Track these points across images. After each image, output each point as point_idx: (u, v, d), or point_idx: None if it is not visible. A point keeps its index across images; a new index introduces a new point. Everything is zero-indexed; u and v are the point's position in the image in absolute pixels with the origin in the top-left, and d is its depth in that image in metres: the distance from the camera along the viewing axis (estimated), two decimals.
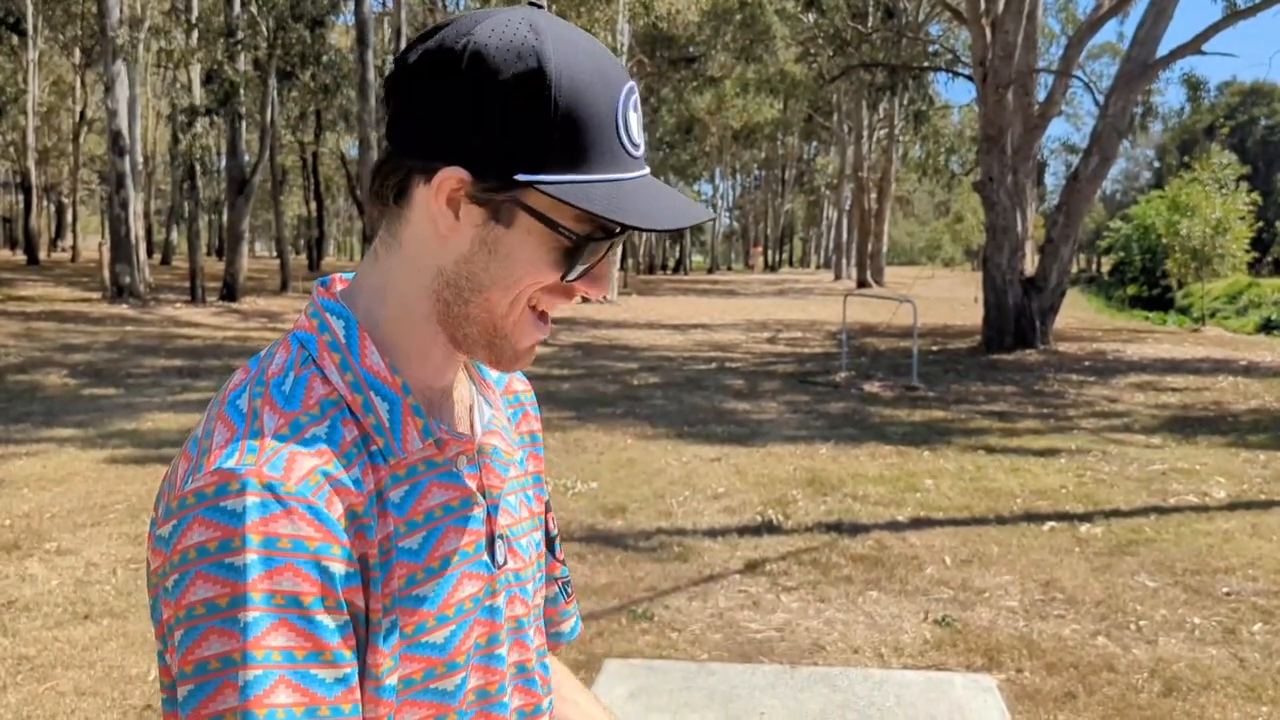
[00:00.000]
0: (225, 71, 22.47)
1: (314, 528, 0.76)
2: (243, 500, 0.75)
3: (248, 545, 0.74)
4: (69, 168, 41.83)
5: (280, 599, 0.74)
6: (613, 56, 0.85)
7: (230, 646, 0.73)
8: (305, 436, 0.80)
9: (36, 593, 4.72)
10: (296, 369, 0.84)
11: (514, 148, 0.80)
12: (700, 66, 39.71)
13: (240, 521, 0.74)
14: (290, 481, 0.76)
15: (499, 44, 0.80)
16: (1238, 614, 4.64)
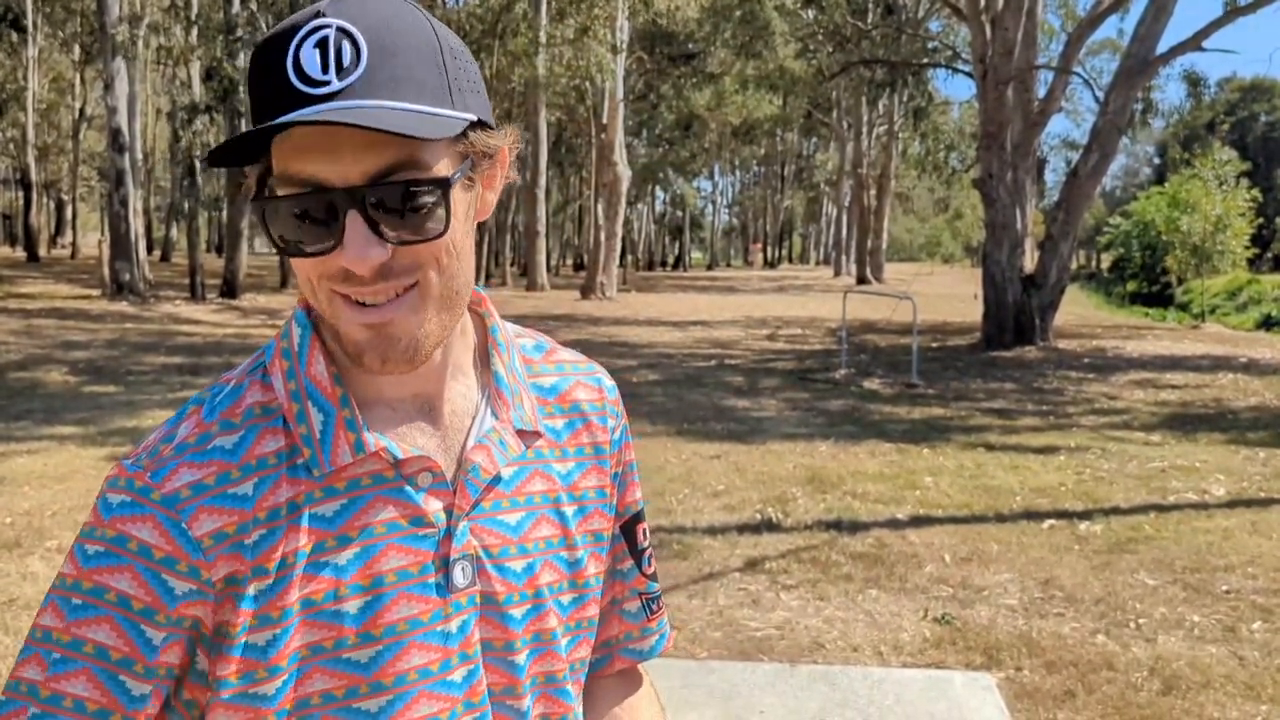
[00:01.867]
0: (225, 68, 22.44)
1: (166, 539, 0.79)
2: (118, 496, 0.80)
3: (100, 538, 0.79)
4: (69, 164, 41.80)
5: (113, 596, 0.78)
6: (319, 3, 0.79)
7: (52, 623, 0.78)
8: (207, 448, 0.82)
9: (38, 591, 4.72)
10: (243, 375, 0.87)
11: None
12: (700, 63, 39.69)
13: (106, 514, 0.80)
14: (160, 491, 0.79)
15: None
16: (1237, 612, 4.64)
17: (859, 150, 41.59)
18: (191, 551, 0.79)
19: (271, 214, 0.79)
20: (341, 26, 0.76)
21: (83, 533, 0.80)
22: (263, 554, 0.81)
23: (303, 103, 0.76)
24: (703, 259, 77.24)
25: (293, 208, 0.78)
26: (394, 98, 0.77)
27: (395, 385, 0.88)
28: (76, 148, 40.09)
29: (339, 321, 0.82)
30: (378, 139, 0.76)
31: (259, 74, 0.78)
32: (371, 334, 0.81)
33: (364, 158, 0.77)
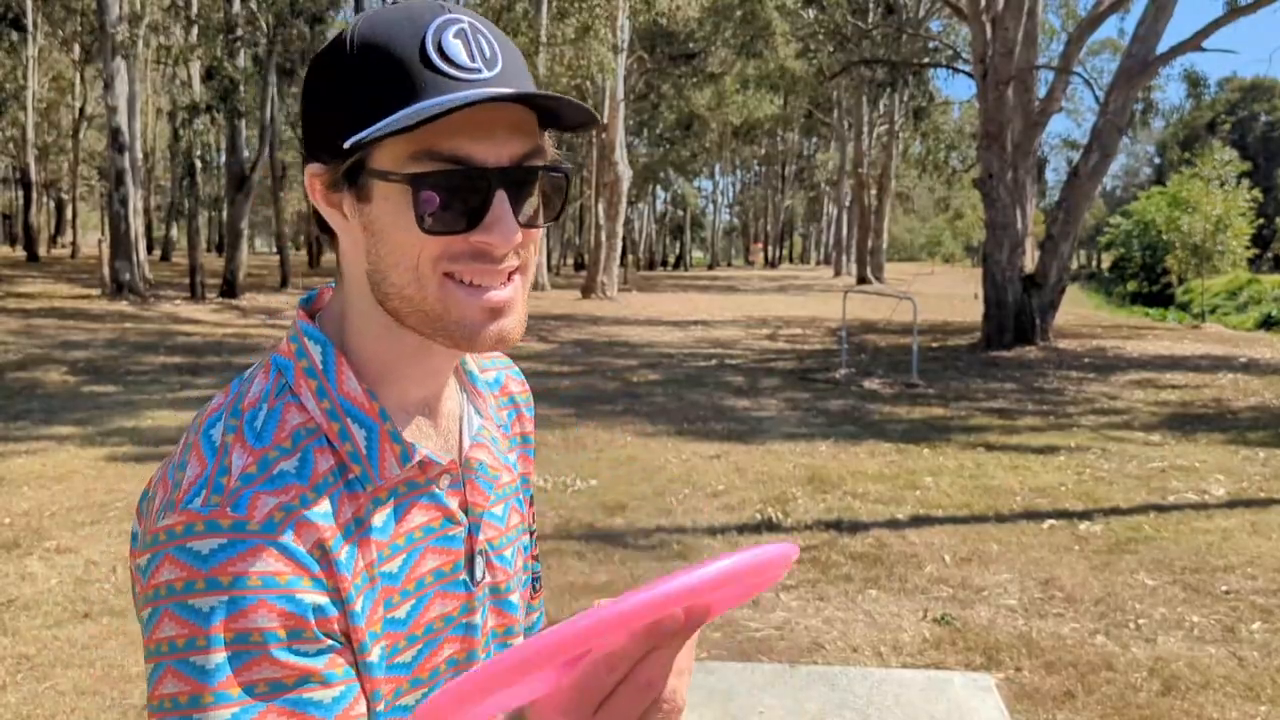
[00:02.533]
0: (225, 68, 22.45)
1: (283, 563, 0.76)
2: (208, 542, 0.75)
3: (211, 588, 0.74)
4: (69, 164, 41.81)
5: (257, 636, 0.74)
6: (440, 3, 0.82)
7: (182, 688, 0.73)
8: (273, 473, 0.79)
9: (36, 591, 4.72)
10: (271, 400, 0.83)
11: (335, 120, 0.80)
12: (700, 62, 39.67)
13: (206, 564, 0.74)
14: (254, 520, 0.76)
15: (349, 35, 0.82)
16: (1237, 612, 4.64)
17: (859, 150, 41.58)
18: (310, 566, 0.77)
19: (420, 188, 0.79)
20: (471, 21, 0.81)
21: (177, 592, 0.74)
22: (353, 570, 0.80)
23: (461, 86, 0.78)
24: (703, 259, 77.25)
25: (444, 183, 0.79)
26: (527, 87, 0.81)
27: (417, 386, 0.88)
28: (76, 147, 40.09)
29: (449, 305, 0.81)
30: (524, 124, 0.81)
31: (395, 58, 0.79)
32: (489, 315, 0.82)
33: (511, 141, 0.80)
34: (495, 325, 0.82)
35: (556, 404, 10.44)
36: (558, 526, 5.92)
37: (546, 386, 11.83)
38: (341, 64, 0.80)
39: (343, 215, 0.84)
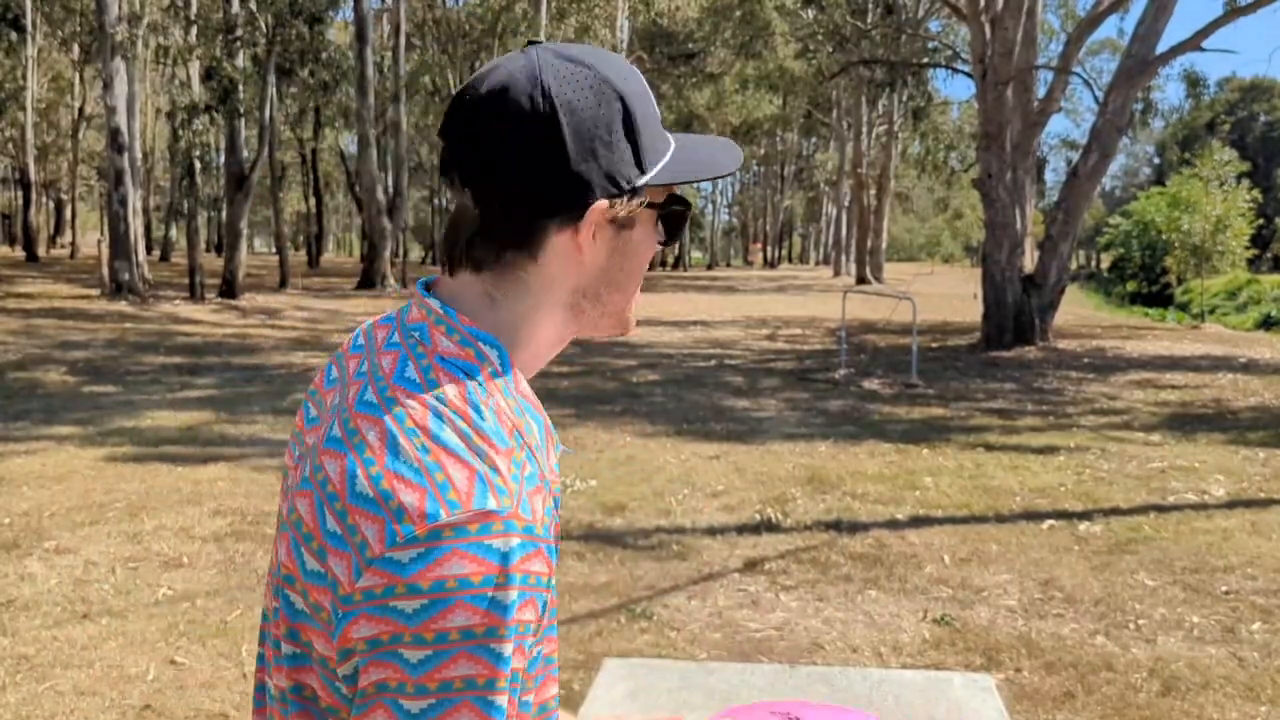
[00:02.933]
0: (224, 68, 22.44)
1: (548, 566, 0.84)
2: (508, 540, 0.80)
3: (511, 583, 0.80)
4: (68, 164, 41.81)
5: (521, 628, 0.81)
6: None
7: (478, 671, 0.79)
8: (527, 474, 0.86)
9: (35, 592, 4.72)
10: (482, 400, 0.87)
11: (623, 161, 0.90)
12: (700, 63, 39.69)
13: (507, 560, 0.80)
14: (537, 525, 0.84)
15: (570, 87, 0.89)
16: (1237, 613, 4.64)
17: (859, 150, 41.57)
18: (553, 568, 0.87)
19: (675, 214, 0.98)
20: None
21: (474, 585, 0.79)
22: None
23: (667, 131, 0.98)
24: (703, 259, 77.25)
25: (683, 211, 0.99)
26: None
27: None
28: (76, 147, 40.09)
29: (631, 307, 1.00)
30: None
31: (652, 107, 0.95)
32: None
33: None
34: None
35: (556, 404, 10.44)
36: (557, 527, 5.92)
37: (546, 387, 11.83)
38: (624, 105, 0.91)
39: (591, 240, 0.92)
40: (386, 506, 0.81)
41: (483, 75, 0.91)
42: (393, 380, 0.88)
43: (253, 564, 5.16)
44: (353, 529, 0.81)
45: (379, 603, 0.79)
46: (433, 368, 0.88)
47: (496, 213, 0.90)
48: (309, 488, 0.86)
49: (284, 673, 0.89)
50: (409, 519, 0.80)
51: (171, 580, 4.91)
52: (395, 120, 31.47)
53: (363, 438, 0.84)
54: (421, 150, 47.09)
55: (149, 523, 5.82)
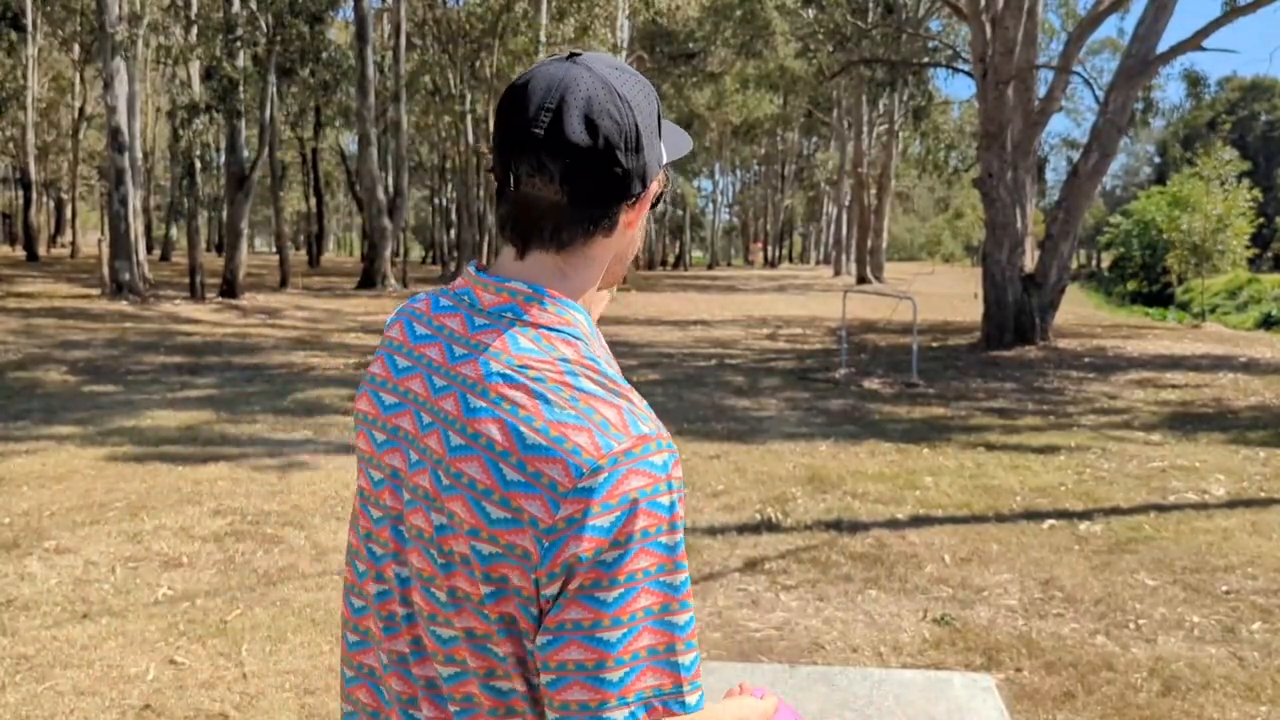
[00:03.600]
0: (224, 68, 22.43)
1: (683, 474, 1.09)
2: (662, 455, 1.02)
3: (672, 488, 1.02)
4: (68, 163, 41.76)
5: (679, 523, 1.03)
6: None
7: (654, 560, 1.00)
8: (645, 403, 1.07)
9: (35, 591, 4.72)
10: (595, 354, 1.08)
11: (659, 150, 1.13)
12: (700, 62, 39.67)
13: (665, 470, 1.02)
14: (671, 440, 1.05)
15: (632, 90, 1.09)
16: (1237, 612, 4.63)
17: (859, 149, 41.55)
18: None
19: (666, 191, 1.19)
20: None
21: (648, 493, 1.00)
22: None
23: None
24: (703, 258, 77.22)
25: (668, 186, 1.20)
26: None
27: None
28: (76, 147, 40.07)
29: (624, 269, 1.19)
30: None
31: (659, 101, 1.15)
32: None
33: None
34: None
35: None
36: None
37: None
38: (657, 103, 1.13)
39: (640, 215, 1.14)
40: (563, 449, 0.99)
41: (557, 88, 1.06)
42: (514, 351, 1.05)
43: (253, 564, 5.16)
44: (537, 474, 0.99)
45: (580, 524, 0.98)
46: (543, 336, 1.07)
47: (590, 200, 1.08)
48: (474, 452, 1.02)
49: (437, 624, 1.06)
50: (587, 453, 0.99)
51: (171, 580, 4.91)
52: (396, 120, 31.45)
53: (512, 402, 1.02)
54: (421, 150, 47.09)
55: (149, 522, 5.82)
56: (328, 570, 5.08)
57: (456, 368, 1.07)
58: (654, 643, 0.99)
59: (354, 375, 12.40)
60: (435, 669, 1.08)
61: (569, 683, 0.98)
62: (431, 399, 1.08)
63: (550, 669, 0.99)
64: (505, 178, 1.08)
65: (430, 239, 60.08)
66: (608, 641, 0.97)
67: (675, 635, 1.00)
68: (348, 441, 8.26)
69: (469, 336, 1.08)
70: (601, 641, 0.97)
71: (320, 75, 26.03)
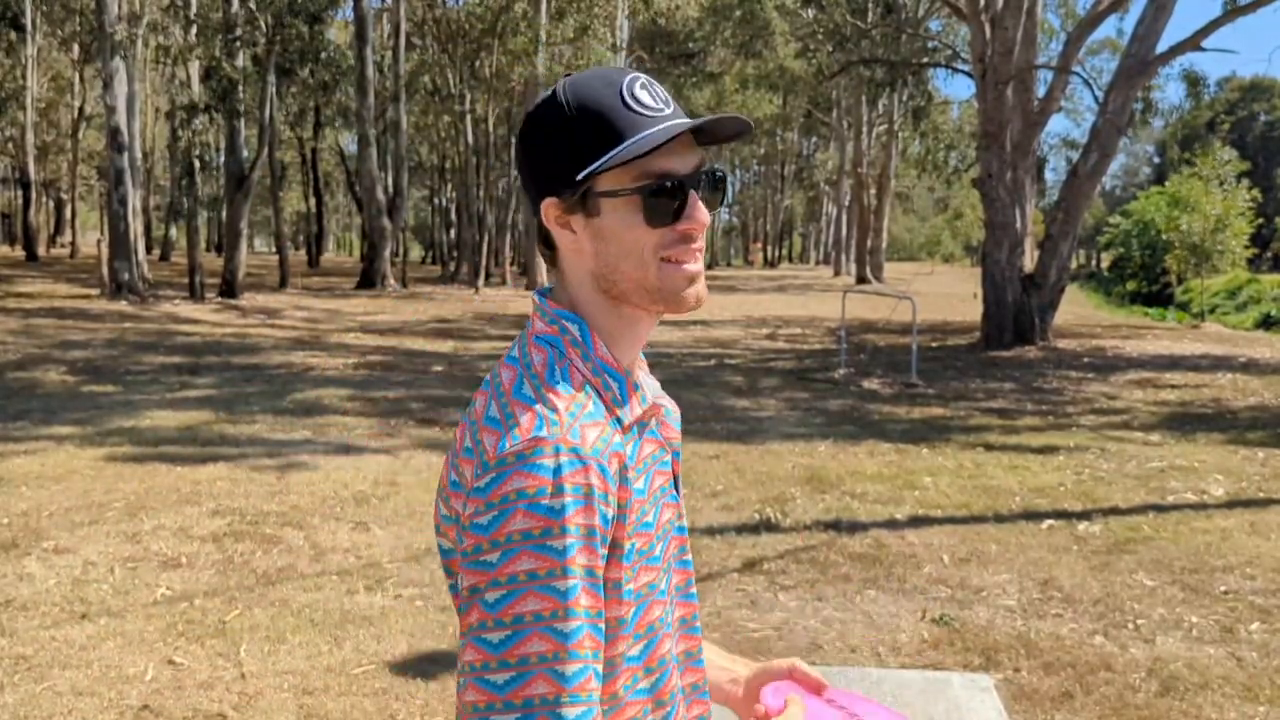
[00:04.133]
0: (224, 68, 22.43)
1: (602, 481, 1.03)
2: (556, 459, 1.01)
3: (563, 491, 1.01)
4: (68, 164, 41.78)
5: (585, 530, 1.02)
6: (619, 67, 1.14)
7: (539, 565, 1.00)
8: (585, 412, 1.07)
9: (34, 592, 4.72)
10: (559, 362, 1.11)
11: (565, 160, 1.09)
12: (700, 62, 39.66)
13: (555, 474, 1.01)
14: (586, 448, 1.03)
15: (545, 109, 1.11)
16: (1235, 613, 4.63)
17: (859, 150, 41.57)
18: (613, 486, 1.05)
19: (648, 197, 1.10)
20: (646, 76, 1.13)
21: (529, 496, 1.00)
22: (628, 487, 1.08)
23: (655, 122, 1.09)
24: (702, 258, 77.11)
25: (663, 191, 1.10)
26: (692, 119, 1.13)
27: (628, 353, 1.17)
28: (75, 147, 40.07)
29: (665, 279, 1.12)
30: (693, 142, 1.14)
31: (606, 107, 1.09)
32: (690, 282, 1.14)
33: (690, 155, 1.12)
34: (693, 289, 1.14)
35: None
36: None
37: None
38: (563, 117, 1.09)
39: (572, 232, 1.13)
40: (478, 449, 1.06)
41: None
42: (505, 360, 1.14)
43: (251, 564, 5.16)
44: (462, 475, 1.07)
45: (473, 521, 1.02)
46: (529, 343, 1.14)
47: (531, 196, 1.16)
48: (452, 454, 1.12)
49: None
50: (488, 455, 1.04)
51: (170, 580, 4.91)
52: (395, 120, 31.46)
53: (472, 411, 1.12)
54: (421, 150, 47.08)
55: (148, 523, 5.82)
56: (326, 570, 5.08)
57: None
58: (545, 649, 0.99)
59: (353, 375, 12.40)
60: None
61: (466, 685, 1.00)
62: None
63: (458, 670, 1.03)
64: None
65: (430, 239, 60.08)
66: (491, 643, 0.99)
67: (563, 644, 0.99)
68: (346, 441, 8.26)
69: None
70: (486, 643, 1.00)
71: (320, 75, 26.02)
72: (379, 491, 6.62)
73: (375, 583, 4.92)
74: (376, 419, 9.34)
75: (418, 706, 3.65)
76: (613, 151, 1.07)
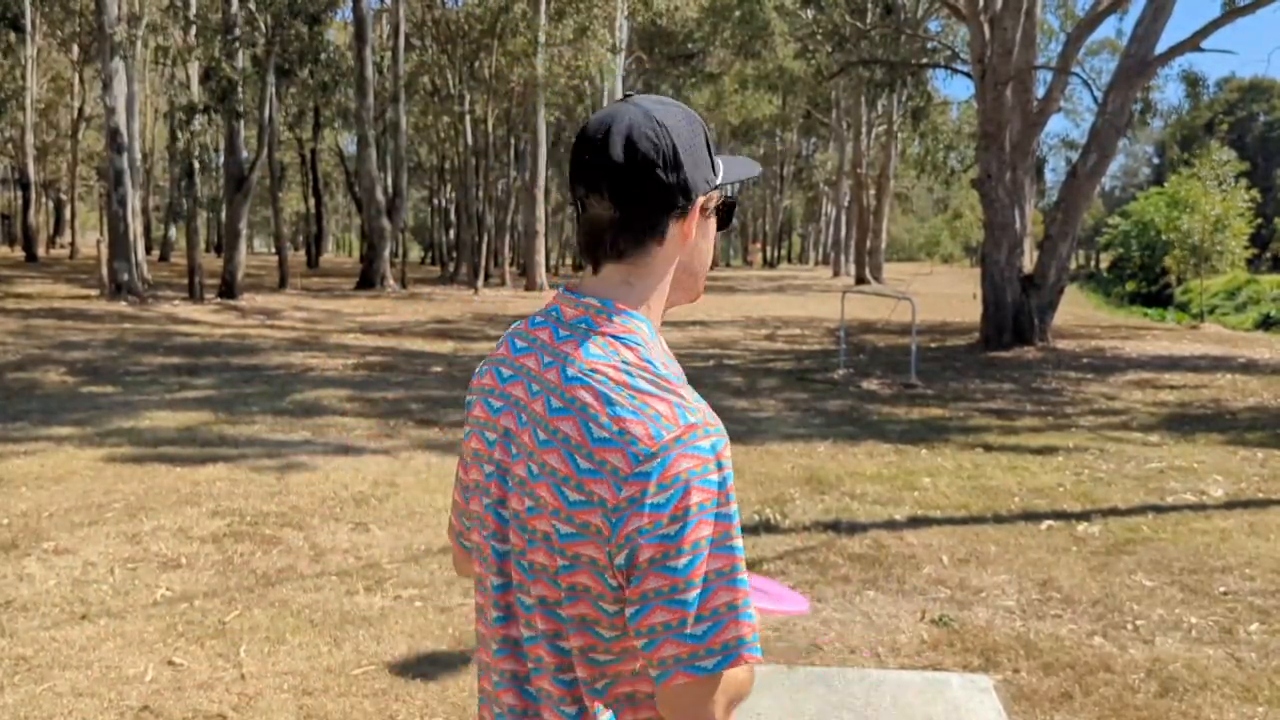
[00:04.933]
0: (223, 68, 22.43)
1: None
2: (709, 439, 1.20)
3: (721, 467, 1.20)
4: (67, 164, 41.75)
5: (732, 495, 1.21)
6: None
7: (715, 530, 1.18)
8: (698, 395, 1.28)
9: (34, 592, 4.72)
10: (651, 357, 1.28)
11: (708, 167, 1.32)
12: (699, 63, 39.66)
13: (712, 453, 1.20)
14: (718, 425, 1.24)
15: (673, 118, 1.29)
16: (1235, 613, 4.64)
17: (858, 150, 41.57)
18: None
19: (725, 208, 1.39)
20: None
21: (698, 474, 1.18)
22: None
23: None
24: None
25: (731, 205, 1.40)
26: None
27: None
28: (75, 147, 40.05)
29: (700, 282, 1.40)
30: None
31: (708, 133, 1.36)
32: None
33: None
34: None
35: None
36: None
37: None
38: (700, 131, 1.32)
39: (693, 225, 1.32)
40: (623, 440, 1.19)
41: (606, 121, 1.28)
42: (585, 358, 1.25)
43: (251, 564, 5.16)
44: (603, 463, 1.19)
45: (640, 503, 1.16)
46: (609, 343, 1.27)
47: (638, 213, 1.28)
48: (555, 446, 1.23)
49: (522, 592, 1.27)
50: (643, 443, 1.18)
51: (170, 581, 4.91)
52: (395, 120, 31.45)
53: (583, 402, 1.22)
54: (421, 150, 47.08)
55: (147, 523, 5.82)
56: (326, 571, 5.09)
57: (544, 374, 1.29)
58: (730, 599, 1.19)
59: (352, 376, 12.40)
60: (519, 631, 1.30)
61: (660, 642, 1.17)
62: (528, 402, 1.29)
63: (643, 634, 1.19)
64: (576, 203, 1.32)
65: (429, 240, 60.05)
66: (686, 602, 1.17)
67: (742, 590, 1.20)
68: (346, 442, 8.26)
69: (554, 346, 1.30)
70: (682, 603, 1.17)
71: (319, 76, 26.00)
72: (378, 492, 6.63)
73: (375, 583, 4.92)
74: (376, 420, 9.34)
75: (417, 707, 3.65)
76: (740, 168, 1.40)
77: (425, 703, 3.69)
